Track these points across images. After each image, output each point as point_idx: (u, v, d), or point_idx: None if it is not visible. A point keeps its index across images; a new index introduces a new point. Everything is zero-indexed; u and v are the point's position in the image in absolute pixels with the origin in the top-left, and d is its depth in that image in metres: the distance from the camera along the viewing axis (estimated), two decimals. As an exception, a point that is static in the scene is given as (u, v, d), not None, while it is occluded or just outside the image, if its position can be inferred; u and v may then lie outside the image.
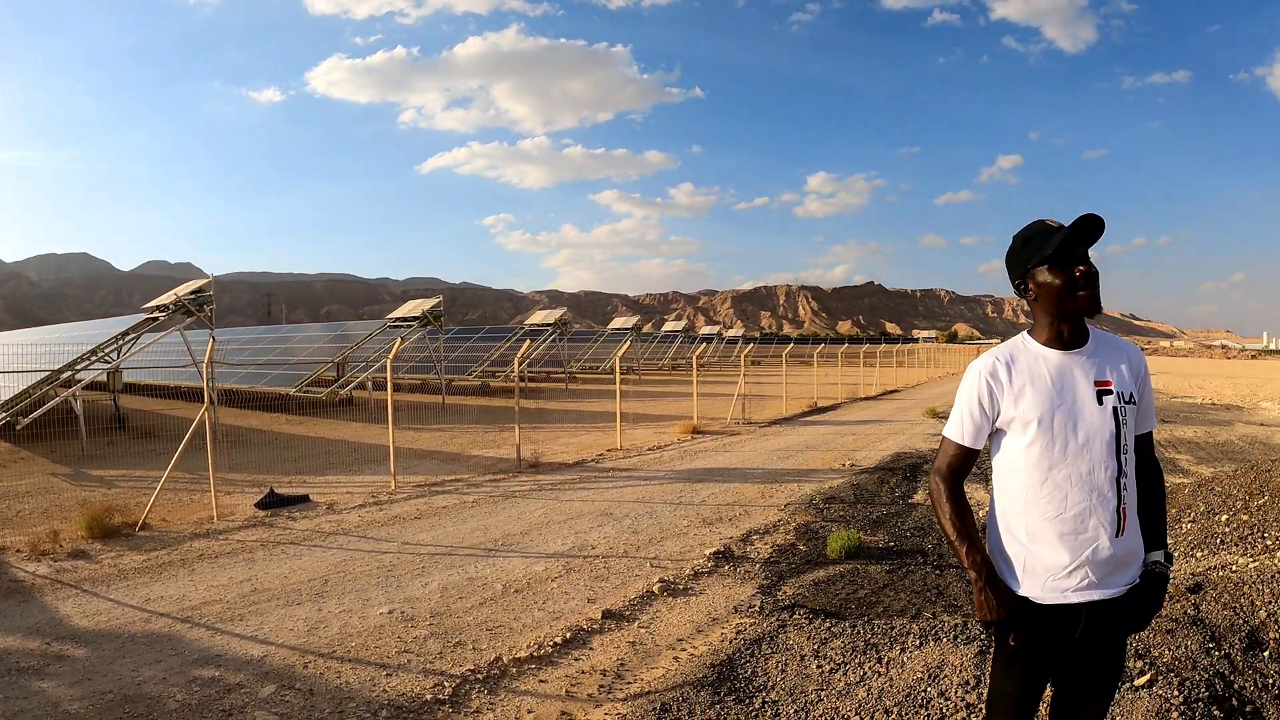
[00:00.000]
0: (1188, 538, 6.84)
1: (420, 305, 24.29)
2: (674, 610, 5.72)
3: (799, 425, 18.70)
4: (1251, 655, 4.51)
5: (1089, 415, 2.41)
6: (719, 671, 4.58)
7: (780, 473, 11.86)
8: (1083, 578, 2.40)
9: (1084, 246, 2.40)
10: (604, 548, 7.29)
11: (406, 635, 5.14)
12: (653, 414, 19.72)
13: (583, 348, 39.76)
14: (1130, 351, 2.59)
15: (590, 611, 5.60)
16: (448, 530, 7.84)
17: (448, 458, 12.94)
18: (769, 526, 8.30)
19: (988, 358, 2.52)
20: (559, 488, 10.26)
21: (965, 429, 2.52)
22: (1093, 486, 2.39)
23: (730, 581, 6.43)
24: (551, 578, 6.35)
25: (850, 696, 4.25)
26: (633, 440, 14.95)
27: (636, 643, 5.12)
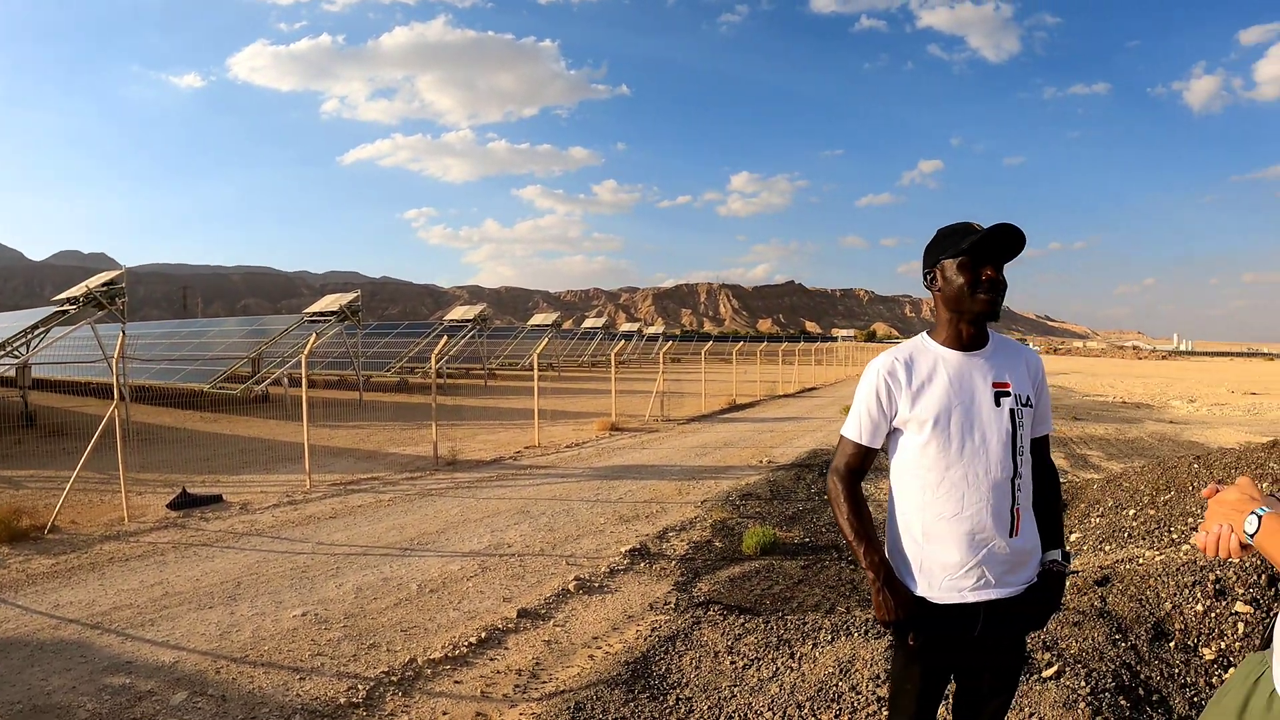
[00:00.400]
0: (1096, 531, 7.01)
1: (338, 300, 23.86)
2: (590, 608, 5.72)
3: (718, 422, 18.82)
4: (1157, 646, 4.63)
5: (986, 416, 2.43)
6: (633, 669, 4.59)
7: (698, 470, 11.92)
8: (979, 577, 2.41)
9: (999, 254, 2.41)
10: (520, 546, 7.24)
11: (320, 638, 5.04)
12: (572, 411, 19.69)
13: (503, 344, 39.41)
14: (1029, 355, 2.62)
15: (506, 611, 5.57)
16: (363, 530, 7.73)
17: (364, 455, 12.75)
18: (686, 523, 8.33)
19: (886, 357, 2.52)
20: (476, 485, 10.17)
21: (863, 428, 2.51)
22: (989, 487, 2.40)
23: (646, 579, 6.44)
24: (467, 577, 6.29)
25: (763, 692, 4.28)
26: (551, 437, 14.90)
27: (552, 641, 5.10)
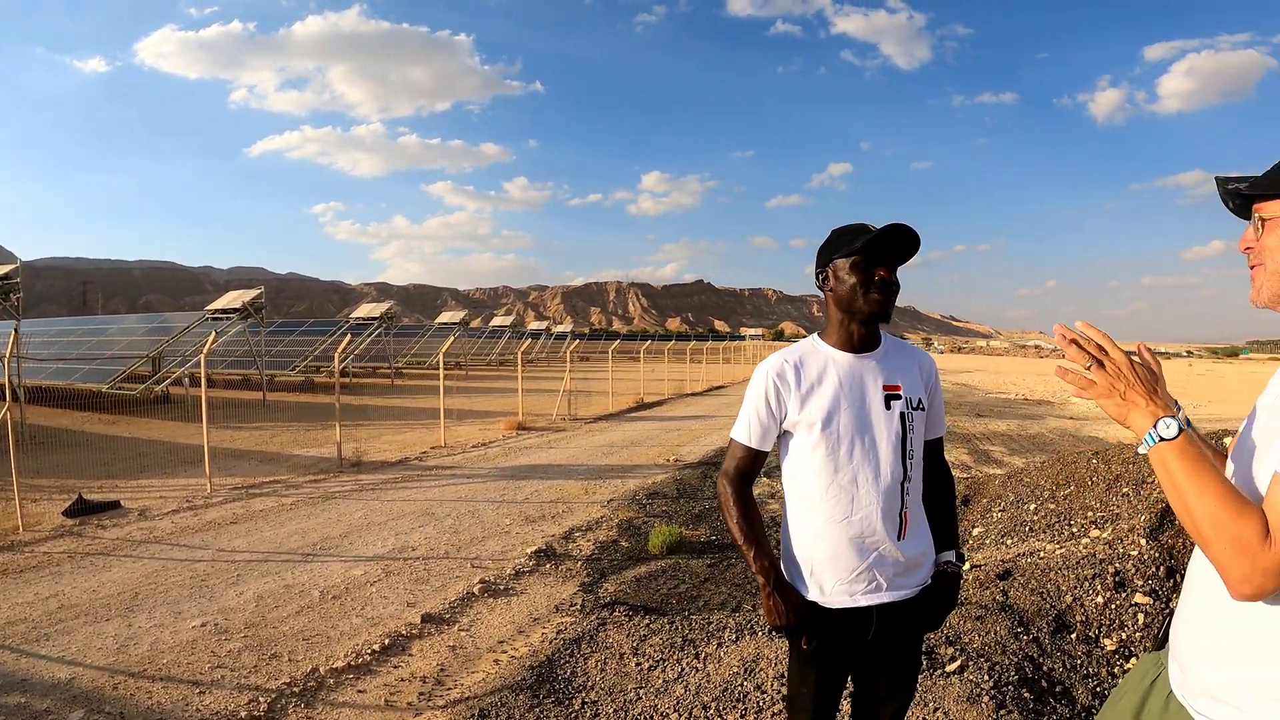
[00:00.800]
0: (998, 526, 7.15)
1: (241, 296, 23.28)
2: (495, 611, 5.67)
3: (625, 421, 18.88)
4: (1059, 638, 4.69)
5: (876, 419, 2.41)
6: (538, 673, 4.56)
7: (604, 469, 11.93)
8: (870, 580, 2.40)
9: (892, 255, 2.39)
10: (425, 549, 7.16)
11: (220, 649, 4.90)
12: (479, 410, 19.53)
13: (410, 343, 38.88)
14: (922, 358, 2.60)
15: (410, 616, 5.48)
16: (265, 535, 7.55)
17: (267, 458, 12.46)
18: (592, 523, 8.34)
19: (776, 359, 2.49)
20: (381, 487, 10.03)
21: (752, 431, 2.47)
22: (878, 490, 2.38)
23: (552, 580, 6.42)
24: (371, 582, 6.20)
25: (668, 694, 4.29)
26: (457, 437, 14.76)
27: (457, 647, 5.04)
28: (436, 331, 41.33)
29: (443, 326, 42.04)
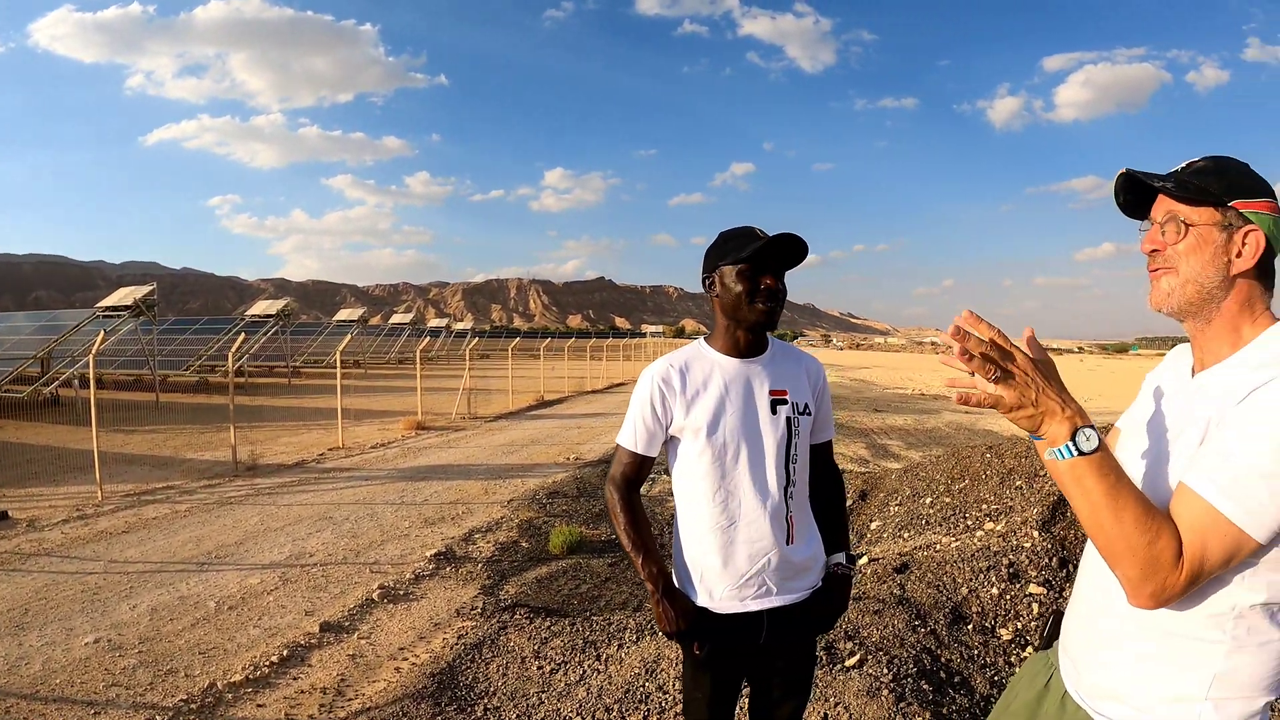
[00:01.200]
0: (895, 519, 7.27)
1: (133, 293, 22.41)
2: (395, 618, 5.61)
3: (525, 419, 18.81)
4: (956, 629, 4.77)
5: (762, 424, 2.40)
6: (440, 680, 4.54)
7: (504, 468, 11.89)
8: (759, 585, 2.39)
9: (779, 263, 2.37)
10: (322, 555, 7.04)
11: (115, 666, 4.73)
12: (377, 410, 19.21)
13: (308, 341, 38.02)
14: (809, 363, 2.59)
15: (308, 625, 5.39)
16: (158, 544, 7.31)
17: (160, 462, 12.02)
18: (492, 524, 8.30)
19: (662, 363, 2.46)
20: (277, 491, 9.80)
21: (638, 436, 2.45)
22: (764, 495, 2.37)
23: (452, 584, 6.39)
24: (267, 590, 6.06)
25: (571, 697, 4.29)
26: (356, 438, 14.51)
27: (357, 655, 4.96)
28: (335, 329, 40.48)
29: (341, 324, 41.15)
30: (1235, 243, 1.56)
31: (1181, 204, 1.61)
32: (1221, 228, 1.57)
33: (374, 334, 47.80)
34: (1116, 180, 1.70)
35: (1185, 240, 1.60)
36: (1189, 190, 1.59)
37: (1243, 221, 1.56)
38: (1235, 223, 1.56)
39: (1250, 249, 1.55)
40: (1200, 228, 1.58)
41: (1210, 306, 1.60)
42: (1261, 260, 1.57)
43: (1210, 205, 1.58)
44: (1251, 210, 1.56)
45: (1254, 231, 1.55)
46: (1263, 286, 1.60)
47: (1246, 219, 1.56)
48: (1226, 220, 1.56)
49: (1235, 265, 1.56)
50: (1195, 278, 1.59)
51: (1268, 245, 1.56)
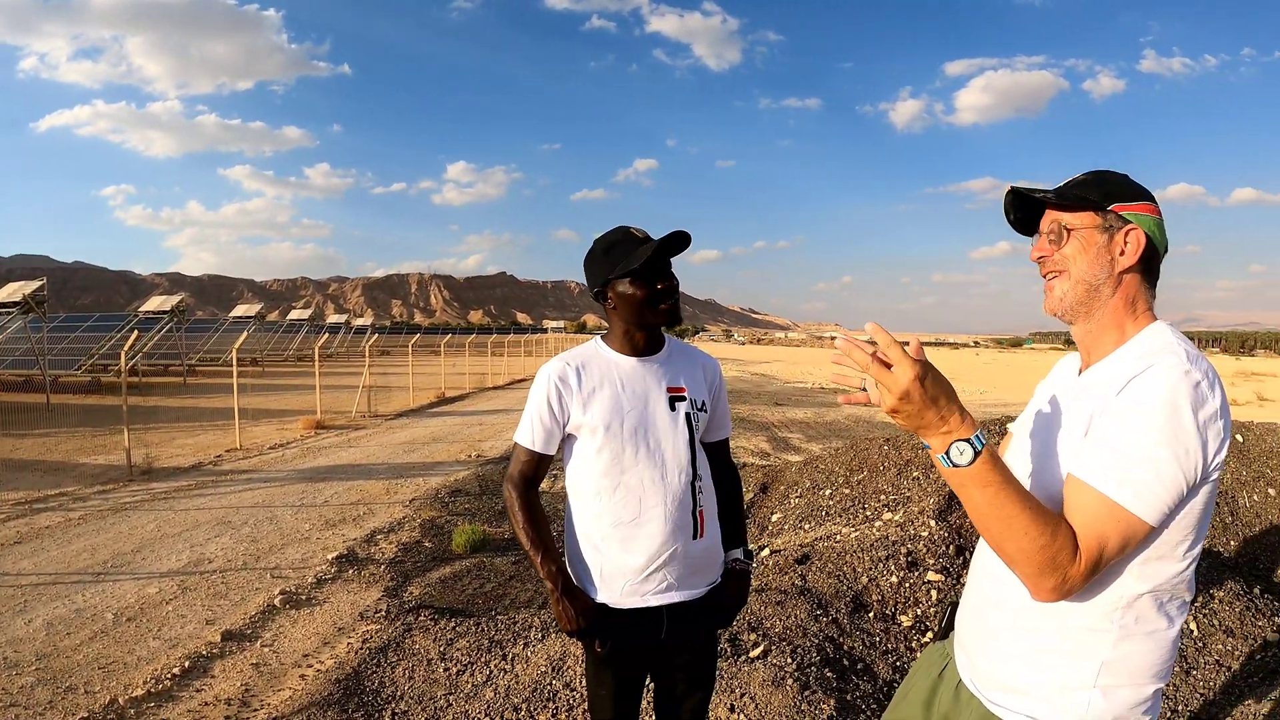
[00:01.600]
0: (796, 511, 7.28)
1: (22, 289, 21.50)
2: (298, 624, 5.51)
3: (426, 417, 18.64)
4: (857, 617, 4.82)
5: (661, 421, 2.41)
6: (345, 687, 4.45)
7: (406, 467, 11.77)
8: (661, 580, 2.40)
9: (667, 260, 2.39)
10: (222, 560, 6.85)
11: (12, 685, 4.50)
12: (276, 409, 18.73)
13: (204, 338, 36.90)
14: (705, 361, 2.61)
15: (210, 635, 5.23)
16: (52, 554, 7.00)
17: (52, 468, 11.51)
18: (394, 524, 8.21)
19: (558, 362, 2.45)
20: (174, 496, 9.47)
21: (536, 435, 2.43)
22: (666, 491, 2.38)
23: (355, 586, 6.30)
24: (167, 600, 5.87)
25: (479, 698, 4.26)
26: (254, 439, 14.16)
27: (260, 664, 4.85)
28: (231, 326, 39.30)
29: (238, 320, 39.96)
30: (1118, 242, 1.63)
31: (1064, 212, 1.68)
32: (1102, 229, 1.64)
33: (271, 330, 46.63)
34: (1005, 198, 1.76)
35: (1070, 244, 1.67)
36: (1069, 199, 1.66)
37: (1123, 223, 1.63)
38: (1116, 224, 1.64)
39: (1133, 246, 1.62)
40: (1082, 231, 1.65)
41: (1098, 304, 1.66)
42: (1146, 258, 1.64)
43: (1090, 210, 1.66)
44: (1130, 212, 1.64)
45: (1134, 230, 1.62)
46: (1147, 284, 1.67)
47: (1125, 219, 1.63)
48: (1107, 223, 1.64)
49: (1120, 263, 1.63)
50: (1084, 277, 1.65)
51: (1150, 243, 1.63)
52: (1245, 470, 6.85)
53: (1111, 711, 1.56)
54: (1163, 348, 1.53)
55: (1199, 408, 1.42)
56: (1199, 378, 1.44)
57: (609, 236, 2.41)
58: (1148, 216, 1.64)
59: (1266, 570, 5.90)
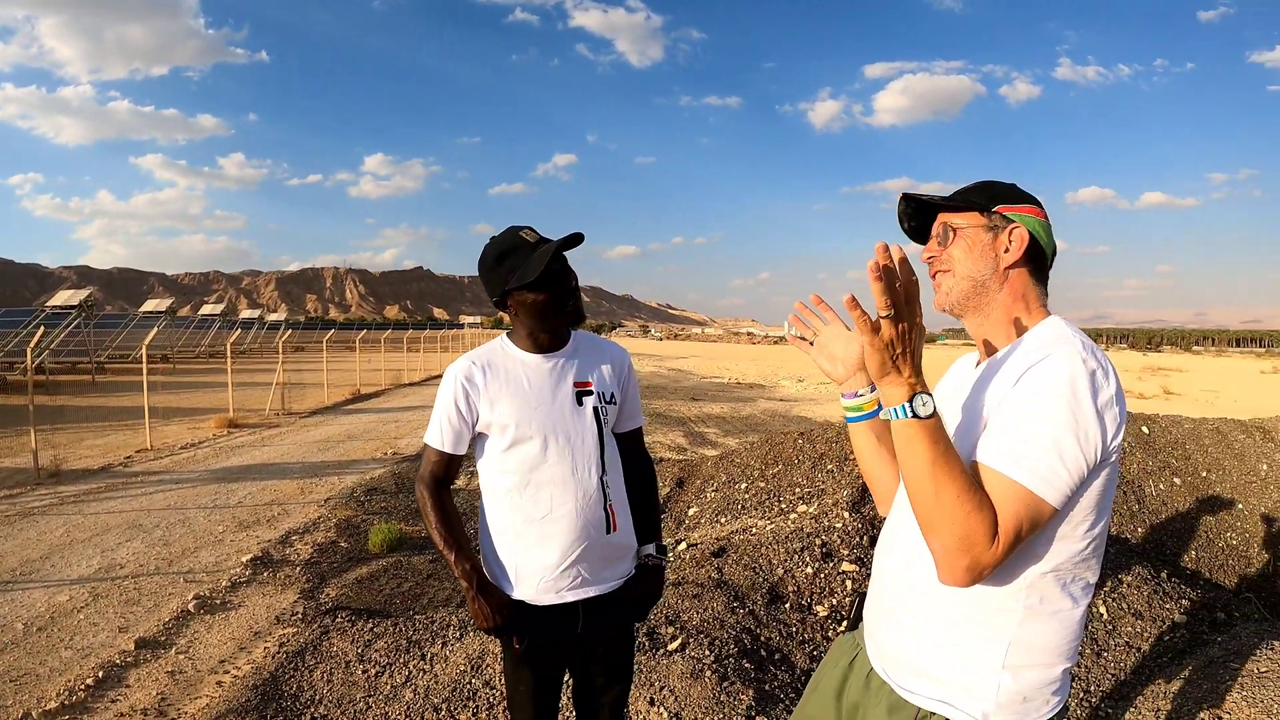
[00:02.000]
0: (713, 505, 7.35)
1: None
2: (213, 629, 5.42)
3: (341, 414, 18.40)
4: (774, 608, 4.86)
5: (568, 417, 2.41)
6: (263, 692, 4.40)
7: (321, 465, 11.62)
8: (575, 576, 2.41)
9: (563, 260, 2.37)
10: (134, 566, 6.69)
11: None
12: (188, 408, 18.32)
13: (113, 334, 35.69)
14: (613, 352, 2.61)
15: (123, 643, 5.11)
16: (-45, 562, 6.73)
17: (-47, 471, 11.04)
18: (309, 525, 8.12)
19: (464, 362, 2.45)
20: (83, 499, 9.18)
21: (445, 436, 2.43)
22: (577, 486, 2.39)
23: (270, 589, 6.22)
24: (78, 608, 5.72)
25: (398, 699, 4.24)
26: (165, 439, 13.77)
27: (176, 672, 4.76)
28: (141, 321, 37.99)
29: (148, 316, 38.64)
30: (1002, 239, 1.68)
31: (951, 214, 1.75)
32: (987, 228, 1.70)
33: (183, 326, 45.25)
34: (899, 205, 1.82)
35: (956, 243, 1.72)
36: (957, 201, 1.73)
37: (1006, 222, 1.69)
38: (1000, 223, 1.69)
39: (1017, 243, 1.67)
40: (968, 230, 1.71)
41: (986, 299, 1.71)
42: (1033, 257, 1.69)
43: (976, 211, 1.72)
44: (1015, 212, 1.69)
45: (1018, 228, 1.68)
46: (1035, 282, 1.70)
47: (1010, 219, 1.69)
48: (992, 222, 1.70)
49: (1004, 259, 1.68)
50: (969, 273, 1.70)
51: (1035, 242, 1.68)
52: (1151, 461, 7.20)
53: (1021, 692, 1.57)
54: (1059, 339, 1.57)
55: (1097, 393, 1.45)
56: (1095, 365, 1.48)
57: (499, 243, 2.37)
58: (1032, 217, 1.69)
59: (1173, 555, 6.21)
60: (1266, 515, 6.58)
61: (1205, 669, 3.97)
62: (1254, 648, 3.96)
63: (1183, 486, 6.94)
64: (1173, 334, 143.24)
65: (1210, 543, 6.36)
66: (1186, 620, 4.76)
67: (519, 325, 2.45)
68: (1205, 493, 6.91)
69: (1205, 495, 6.88)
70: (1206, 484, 7.02)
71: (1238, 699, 3.52)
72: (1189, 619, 4.79)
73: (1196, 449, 7.46)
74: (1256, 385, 35.36)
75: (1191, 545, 6.33)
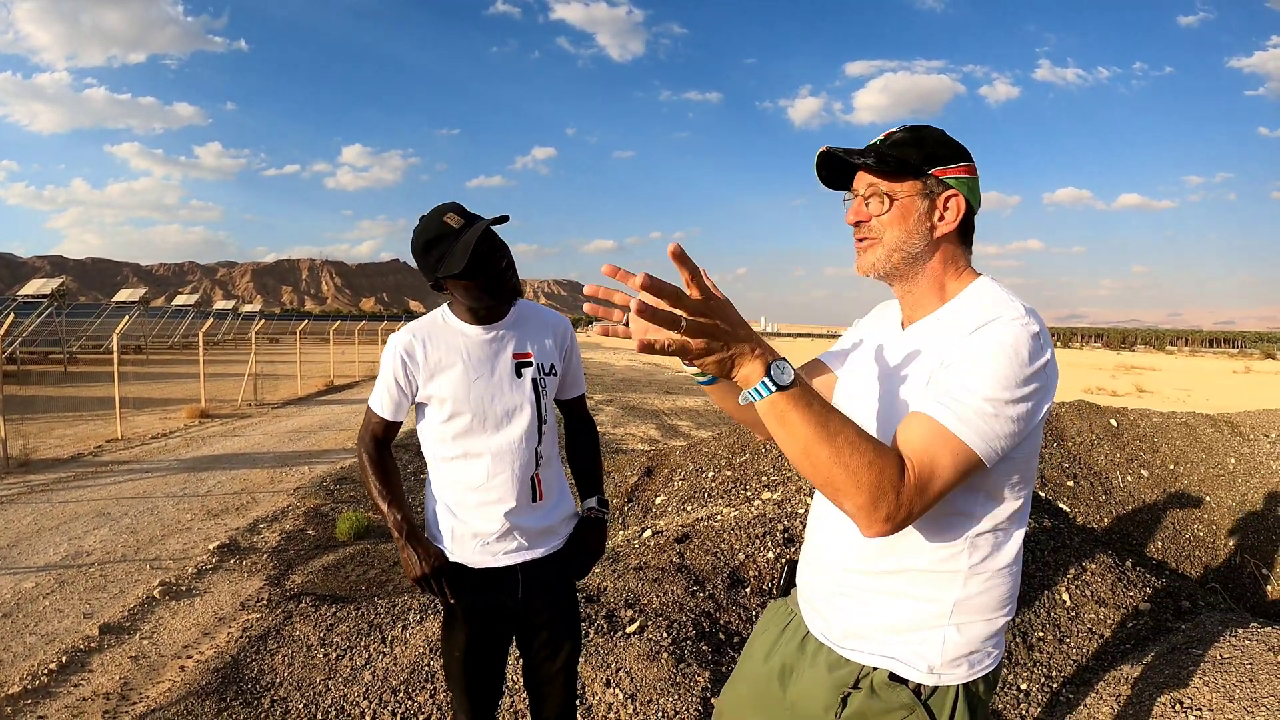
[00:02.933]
0: (680, 494, 7.35)
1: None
2: (178, 615, 5.42)
3: (314, 405, 18.29)
4: (734, 593, 4.86)
5: (506, 388, 2.43)
6: (224, 676, 4.40)
7: (291, 455, 11.59)
8: (511, 540, 2.45)
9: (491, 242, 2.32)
10: (101, 553, 6.67)
11: None
12: (159, 398, 18.14)
13: (86, 323, 35.27)
14: (554, 322, 2.60)
15: (87, 628, 5.11)
16: (-77, 550, 6.67)
17: (-80, 460, 10.94)
18: (278, 513, 8.11)
19: (405, 334, 2.46)
20: (52, 488, 9.12)
21: (386, 403, 2.46)
22: (511, 457, 2.41)
23: (236, 576, 6.22)
24: (44, 594, 5.70)
25: (357, 682, 4.26)
26: (136, 428, 13.67)
27: (139, 657, 4.76)
28: (114, 311, 37.58)
29: (121, 305, 38.18)
30: (938, 208, 1.61)
31: (883, 178, 1.63)
32: (923, 195, 1.61)
33: (156, 316, 44.82)
34: (817, 157, 1.68)
35: (890, 212, 1.62)
36: (888, 164, 1.61)
37: (943, 187, 1.61)
38: (936, 189, 1.61)
39: (953, 212, 1.61)
40: (903, 199, 1.62)
41: (916, 268, 1.65)
42: (963, 221, 1.63)
43: (911, 177, 1.61)
44: (950, 175, 1.61)
45: (954, 196, 1.61)
46: (963, 245, 1.67)
47: (946, 184, 1.61)
48: (928, 188, 1.61)
49: (939, 229, 1.62)
50: (900, 245, 1.62)
51: (968, 206, 1.62)
52: (1120, 453, 7.30)
53: (967, 645, 1.60)
54: (1002, 301, 1.54)
55: (1037, 356, 1.44)
56: (1037, 329, 1.47)
57: (427, 230, 2.30)
58: (966, 178, 1.62)
59: (1139, 546, 6.29)
60: (1233, 508, 6.69)
61: (1168, 655, 4.03)
62: (1217, 635, 4.02)
63: (1150, 479, 7.03)
64: (1147, 334, 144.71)
65: (1177, 534, 6.45)
66: (1151, 608, 4.81)
67: (457, 302, 2.47)
68: (1173, 485, 7.00)
69: (1173, 488, 6.97)
70: (1174, 477, 7.12)
71: (1199, 684, 3.57)
72: (1153, 607, 4.84)
73: (1165, 442, 7.57)
74: (1228, 385, 35.71)
75: (1158, 536, 6.42)
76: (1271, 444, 7.56)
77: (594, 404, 19.26)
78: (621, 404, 19.54)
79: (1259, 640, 3.81)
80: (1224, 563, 6.19)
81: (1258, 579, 5.98)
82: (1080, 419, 7.72)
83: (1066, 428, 7.58)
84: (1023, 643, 4.47)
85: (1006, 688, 4.16)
